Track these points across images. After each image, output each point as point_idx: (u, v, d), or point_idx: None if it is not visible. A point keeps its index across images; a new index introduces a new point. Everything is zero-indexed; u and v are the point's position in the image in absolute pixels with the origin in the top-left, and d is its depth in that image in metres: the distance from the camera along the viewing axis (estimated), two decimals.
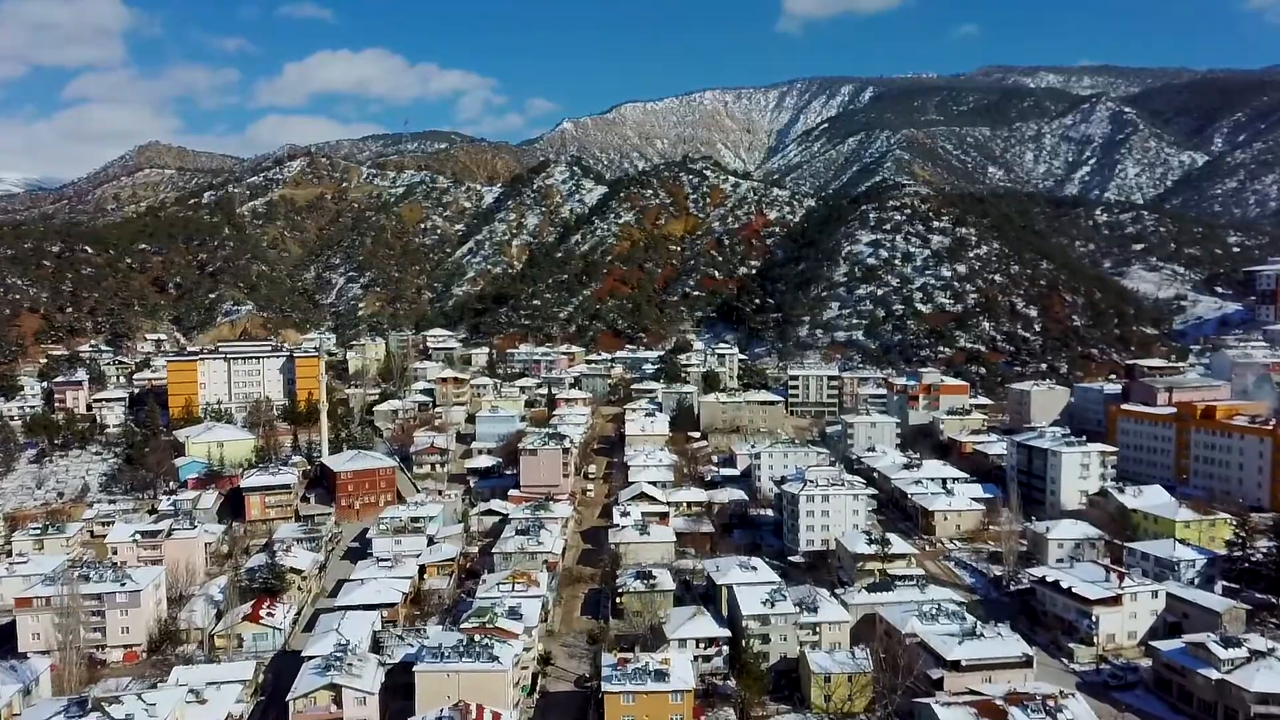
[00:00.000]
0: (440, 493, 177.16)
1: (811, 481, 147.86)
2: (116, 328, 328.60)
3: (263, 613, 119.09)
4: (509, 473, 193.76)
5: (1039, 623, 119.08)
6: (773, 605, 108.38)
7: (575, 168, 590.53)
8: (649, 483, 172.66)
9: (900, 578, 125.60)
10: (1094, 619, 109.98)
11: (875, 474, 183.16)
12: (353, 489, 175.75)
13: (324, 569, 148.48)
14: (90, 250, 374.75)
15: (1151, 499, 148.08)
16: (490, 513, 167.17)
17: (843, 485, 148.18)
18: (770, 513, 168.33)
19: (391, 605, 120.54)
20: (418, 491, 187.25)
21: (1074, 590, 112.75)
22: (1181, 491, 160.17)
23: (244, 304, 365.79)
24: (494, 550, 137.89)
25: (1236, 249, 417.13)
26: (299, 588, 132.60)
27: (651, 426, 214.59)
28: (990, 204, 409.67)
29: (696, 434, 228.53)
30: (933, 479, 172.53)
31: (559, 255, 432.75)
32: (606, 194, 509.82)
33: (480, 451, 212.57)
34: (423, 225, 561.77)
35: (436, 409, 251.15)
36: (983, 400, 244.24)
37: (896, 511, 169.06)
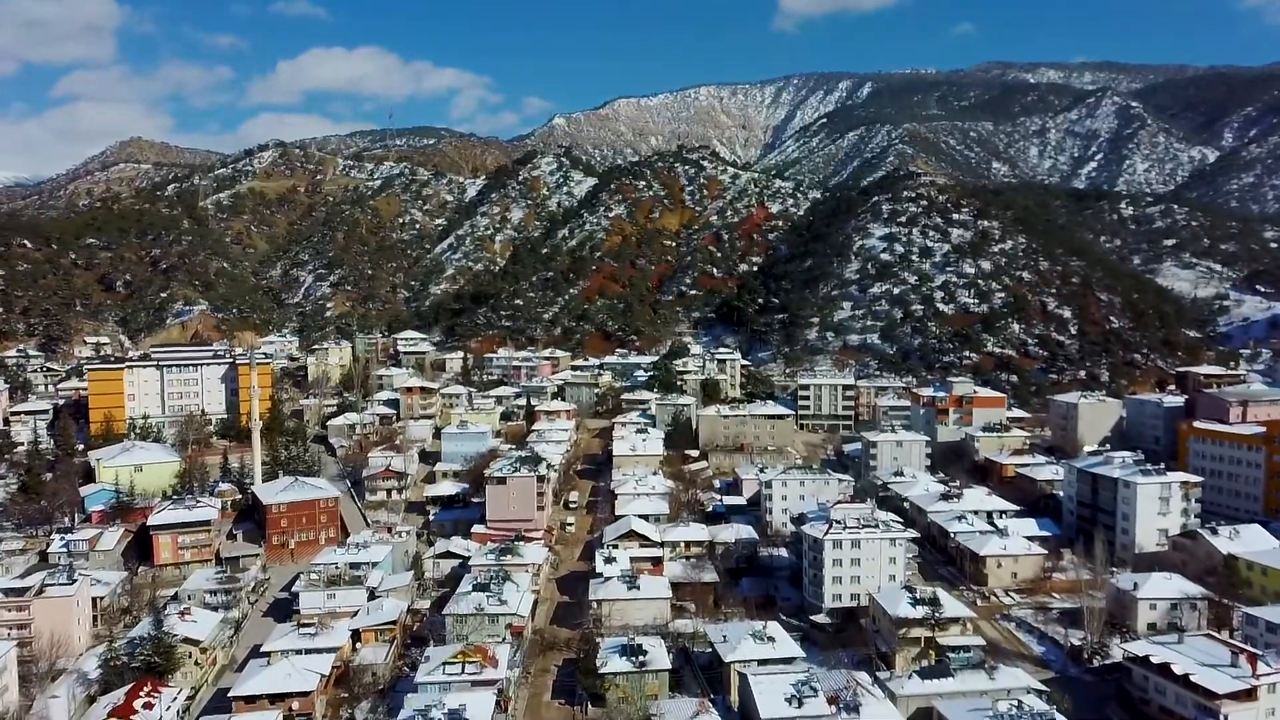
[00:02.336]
0: (390, 529, 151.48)
1: (838, 522, 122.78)
2: (51, 330, 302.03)
3: (138, 704, 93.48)
4: (477, 500, 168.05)
5: (1138, 714, 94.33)
6: (800, 704, 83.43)
7: (563, 159, 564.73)
8: (639, 516, 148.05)
9: (956, 649, 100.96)
10: (1222, 719, 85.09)
11: (906, 505, 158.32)
12: (286, 525, 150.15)
13: (239, 630, 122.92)
14: (29, 245, 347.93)
15: (1252, 542, 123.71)
16: (449, 555, 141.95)
17: (876, 527, 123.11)
18: (784, 553, 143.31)
19: (305, 694, 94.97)
20: (367, 525, 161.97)
21: (1193, 679, 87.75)
22: (1276, 529, 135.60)
23: (197, 303, 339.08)
24: (446, 611, 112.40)
25: (1275, 244, 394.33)
26: (196, 663, 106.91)
27: (643, 445, 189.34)
28: (1010, 197, 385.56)
29: (694, 453, 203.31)
30: (976, 512, 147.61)
31: (544, 251, 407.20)
32: (596, 186, 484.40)
33: (445, 475, 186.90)
34: (400, 220, 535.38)
35: (401, 423, 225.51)
36: (1018, 413, 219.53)
37: (934, 553, 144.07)
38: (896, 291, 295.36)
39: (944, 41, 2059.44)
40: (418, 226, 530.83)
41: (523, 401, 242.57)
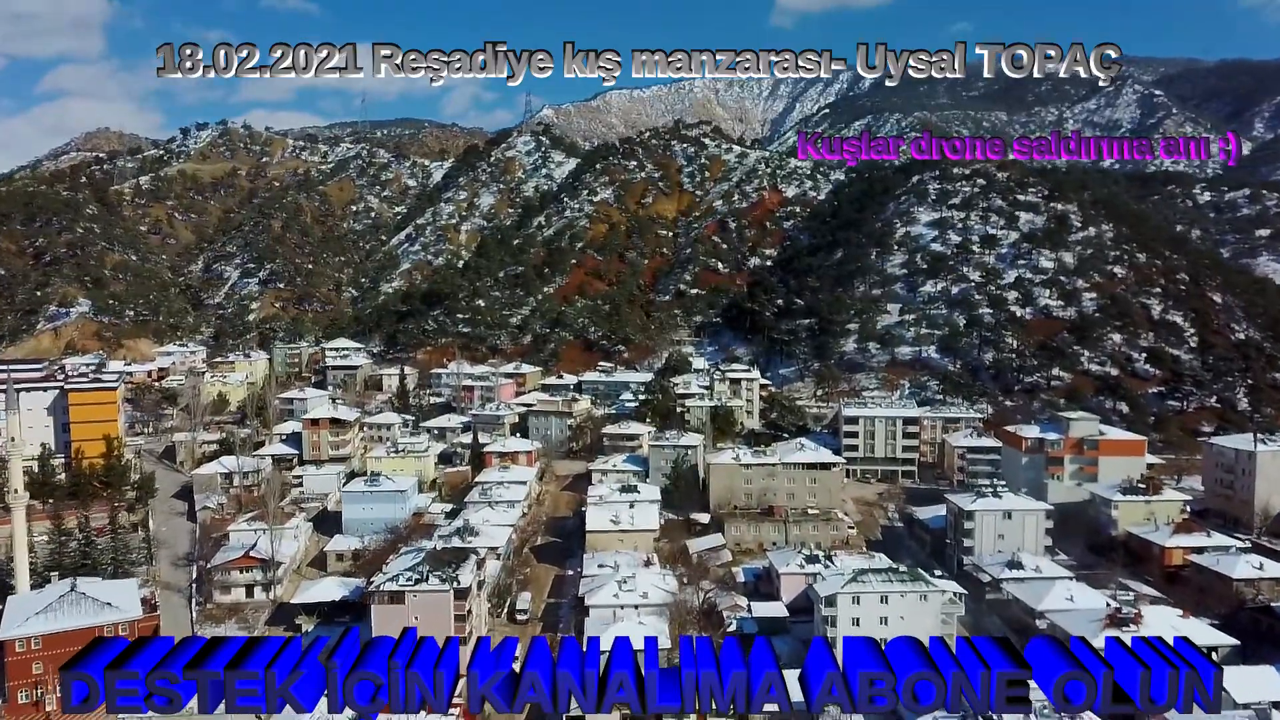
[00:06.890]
0: None
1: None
2: None
3: None
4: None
5: None
6: None
7: (542, 138, 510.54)
8: None
9: None
10: None
11: (1041, 624, 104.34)
12: (43, 671, 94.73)
13: None
14: None
15: None
16: None
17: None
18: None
19: None
20: None
21: None
22: None
23: (76, 304, 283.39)
24: None
25: None
26: None
27: (630, 516, 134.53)
28: (1085, 178, 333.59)
29: (703, 517, 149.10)
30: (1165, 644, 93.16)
31: (516, 242, 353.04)
32: (579, 167, 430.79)
33: (340, 558, 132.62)
34: (354, 207, 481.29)
35: (301, 470, 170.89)
36: (1147, 457, 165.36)
37: None
38: (955, 291, 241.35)
39: (942, 40, 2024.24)
40: (373, 215, 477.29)
41: (470, 438, 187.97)
